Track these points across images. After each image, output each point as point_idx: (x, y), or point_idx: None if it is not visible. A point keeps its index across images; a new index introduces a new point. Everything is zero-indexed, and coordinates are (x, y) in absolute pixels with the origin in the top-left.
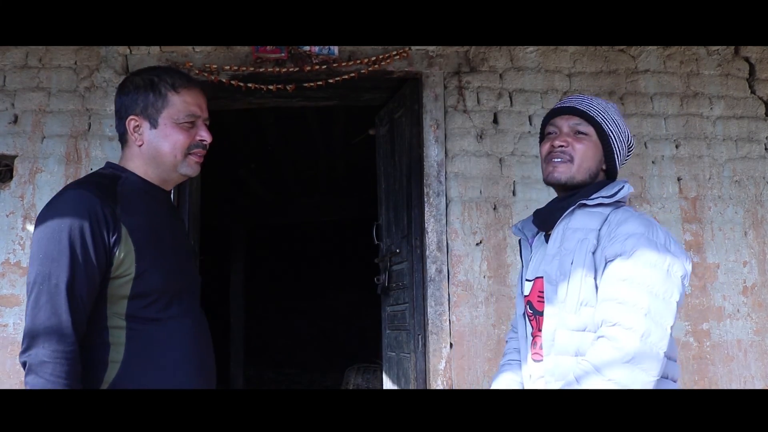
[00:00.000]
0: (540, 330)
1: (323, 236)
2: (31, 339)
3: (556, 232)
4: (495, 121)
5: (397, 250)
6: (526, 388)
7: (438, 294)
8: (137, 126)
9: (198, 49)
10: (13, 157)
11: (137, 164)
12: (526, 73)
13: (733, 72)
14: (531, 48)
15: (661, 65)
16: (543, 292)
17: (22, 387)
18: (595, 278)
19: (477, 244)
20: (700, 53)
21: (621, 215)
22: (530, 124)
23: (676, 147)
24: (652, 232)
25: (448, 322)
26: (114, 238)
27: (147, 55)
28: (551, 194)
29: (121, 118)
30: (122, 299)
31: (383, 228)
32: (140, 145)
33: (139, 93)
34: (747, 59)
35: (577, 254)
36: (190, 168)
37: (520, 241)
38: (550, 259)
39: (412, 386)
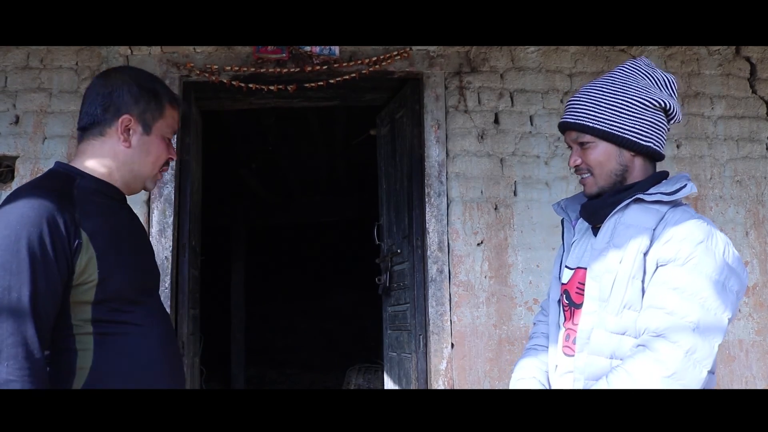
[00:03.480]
0: (574, 323)
1: (324, 236)
2: None
3: (607, 226)
4: (496, 121)
5: (398, 251)
6: (550, 377)
7: (439, 294)
8: (128, 127)
9: (199, 49)
10: (15, 158)
11: (103, 162)
12: (527, 73)
13: (734, 72)
14: (532, 48)
15: (662, 65)
16: (584, 284)
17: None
18: (643, 281)
19: (478, 245)
20: (701, 53)
21: (680, 215)
22: (531, 124)
23: (677, 147)
24: (712, 240)
25: (449, 323)
26: (75, 245)
27: (148, 56)
28: (553, 194)
29: (107, 109)
30: (86, 305)
31: (384, 228)
32: (126, 146)
33: (142, 95)
34: (748, 59)
35: (627, 253)
36: (152, 183)
37: (562, 220)
38: (597, 253)
39: (413, 386)
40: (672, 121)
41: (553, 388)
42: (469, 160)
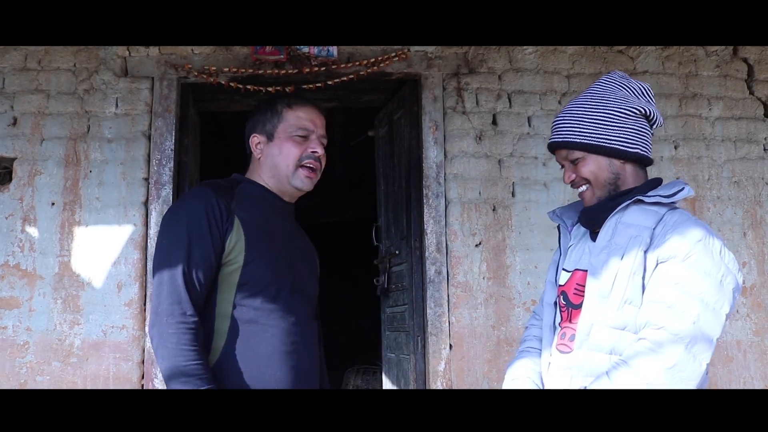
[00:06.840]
0: (570, 321)
1: (323, 238)
2: (155, 314)
3: (608, 226)
4: (494, 122)
5: (397, 252)
6: (543, 377)
7: (437, 295)
8: (258, 142)
9: (197, 50)
10: (12, 160)
11: (259, 175)
12: (525, 74)
13: (731, 73)
14: (530, 49)
15: (659, 66)
16: (583, 285)
17: (21, 388)
18: (643, 277)
19: (476, 246)
20: (698, 54)
21: (678, 216)
22: (529, 125)
23: (675, 148)
24: (709, 239)
25: (447, 324)
26: (227, 225)
27: (146, 57)
28: (551, 195)
29: (246, 138)
30: (231, 286)
31: (383, 229)
32: (260, 158)
33: (260, 113)
34: (745, 60)
35: (628, 250)
36: (300, 181)
37: (558, 227)
38: (598, 251)
39: (411, 388)
40: (654, 126)
41: (546, 386)
42: (467, 161)
